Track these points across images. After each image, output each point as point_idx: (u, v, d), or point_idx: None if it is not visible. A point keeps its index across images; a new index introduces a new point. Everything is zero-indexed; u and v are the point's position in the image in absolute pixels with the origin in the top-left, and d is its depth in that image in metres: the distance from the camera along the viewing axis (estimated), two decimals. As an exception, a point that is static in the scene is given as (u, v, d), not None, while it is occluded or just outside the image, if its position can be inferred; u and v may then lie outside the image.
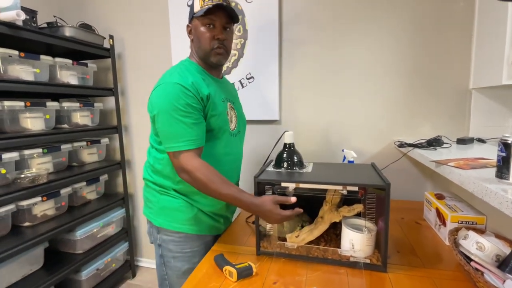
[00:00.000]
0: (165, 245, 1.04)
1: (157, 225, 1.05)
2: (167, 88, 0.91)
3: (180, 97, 0.88)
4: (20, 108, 1.47)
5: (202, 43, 0.98)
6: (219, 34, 0.98)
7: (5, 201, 1.34)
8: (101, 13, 2.05)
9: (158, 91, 0.93)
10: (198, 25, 0.98)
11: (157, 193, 1.05)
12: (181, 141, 0.89)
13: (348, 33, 1.59)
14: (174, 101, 0.88)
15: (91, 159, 1.96)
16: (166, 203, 1.03)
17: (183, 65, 1.00)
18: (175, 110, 0.88)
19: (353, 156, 1.36)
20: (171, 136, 0.91)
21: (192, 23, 1.00)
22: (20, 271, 1.46)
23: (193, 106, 0.91)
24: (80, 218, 1.67)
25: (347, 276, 0.82)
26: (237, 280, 0.81)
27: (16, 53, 1.42)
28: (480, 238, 0.81)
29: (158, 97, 0.92)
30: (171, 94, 0.89)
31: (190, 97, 0.90)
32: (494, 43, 1.23)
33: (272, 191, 0.95)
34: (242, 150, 1.18)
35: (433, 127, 1.54)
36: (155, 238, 1.07)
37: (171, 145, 0.91)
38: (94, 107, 1.93)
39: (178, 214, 1.02)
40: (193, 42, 1.03)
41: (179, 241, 1.03)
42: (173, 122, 0.89)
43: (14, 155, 1.44)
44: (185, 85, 0.90)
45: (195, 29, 0.99)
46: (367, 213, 0.92)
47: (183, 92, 0.89)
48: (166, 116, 0.89)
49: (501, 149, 0.67)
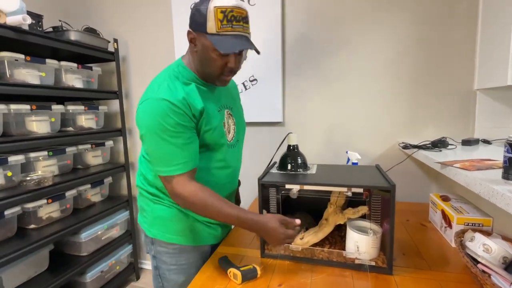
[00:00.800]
0: (159, 257, 0.98)
1: (150, 235, 0.98)
2: (154, 105, 0.80)
3: (168, 115, 0.79)
4: (26, 112, 1.49)
5: (210, 68, 0.86)
6: (233, 64, 0.85)
7: (11, 204, 1.35)
8: (106, 17, 2.07)
9: (144, 107, 0.82)
10: (209, 48, 0.81)
11: (151, 202, 0.98)
12: (172, 165, 0.81)
13: (352, 34, 1.59)
14: (161, 120, 0.79)
15: (95, 161, 1.97)
16: (160, 213, 0.96)
17: (175, 72, 0.88)
18: (163, 131, 0.79)
19: (357, 158, 1.35)
20: (161, 160, 0.83)
21: (200, 37, 0.82)
22: (26, 274, 1.47)
23: (183, 125, 0.81)
24: (85, 221, 1.68)
25: (352, 279, 0.81)
26: (241, 282, 0.81)
27: (22, 57, 1.44)
28: (487, 240, 0.80)
29: (144, 115, 0.81)
30: (158, 112, 0.79)
31: (179, 115, 0.80)
32: (498, 43, 1.23)
33: (276, 193, 0.95)
34: (240, 160, 1.09)
35: (437, 129, 1.53)
36: (149, 249, 1.01)
37: (161, 169, 0.83)
38: (98, 110, 1.95)
39: (172, 224, 0.95)
40: (196, 55, 0.87)
41: (174, 253, 0.97)
42: (162, 143, 0.80)
43: (20, 158, 1.45)
44: (174, 101, 0.79)
45: (204, 48, 0.83)
46: (372, 215, 0.92)
47: (171, 110, 0.79)
48: (154, 137, 0.81)
49: (508, 150, 0.66)
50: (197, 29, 0.82)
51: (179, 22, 1.86)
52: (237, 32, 0.80)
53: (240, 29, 0.80)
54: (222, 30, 0.78)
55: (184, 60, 0.91)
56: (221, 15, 0.77)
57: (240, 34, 0.80)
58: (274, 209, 0.98)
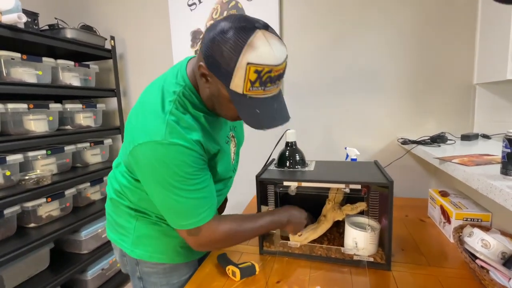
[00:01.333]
0: (147, 278, 0.86)
1: (135, 257, 0.85)
2: (164, 151, 0.63)
3: (185, 163, 0.64)
4: (23, 110, 1.48)
5: (223, 113, 0.71)
6: None
7: (10, 203, 1.35)
8: (102, 15, 2.05)
9: (150, 153, 0.64)
10: (227, 98, 0.64)
11: (132, 218, 0.83)
12: (199, 214, 0.69)
13: (351, 29, 1.57)
14: (178, 170, 0.64)
15: (94, 160, 1.97)
16: (144, 231, 0.83)
17: (181, 99, 0.69)
18: (182, 181, 0.65)
19: (356, 154, 1.35)
20: (183, 213, 0.69)
21: (217, 82, 0.63)
22: (27, 272, 1.47)
23: (202, 168, 0.69)
24: (84, 219, 1.68)
25: (351, 275, 0.81)
26: (240, 279, 0.81)
27: (18, 55, 1.43)
28: (485, 236, 0.80)
29: (154, 164, 0.64)
30: (172, 161, 0.63)
31: (197, 159, 0.67)
32: (498, 37, 1.22)
33: (274, 190, 0.95)
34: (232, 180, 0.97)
35: (437, 124, 1.52)
36: (132, 270, 0.88)
37: (184, 223, 0.69)
38: (96, 108, 1.94)
39: (160, 242, 0.83)
40: (206, 89, 0.68)
41: (164, 273, 0.86)
42: (183, 195, 0.66)
43: (18, 157, 1.45)
44: (190, 146, 0.65)
45: (220, 95, 0.65)
46: (371, 211, 0.92)
47: (187, 155, 0.64)
48: (169, 190, 0.66)
49: (506, 145, 0.66)
50: (214, 73, 0.61)
51: (176, 19, 1.84)
52: (268, 95, 0.63)
53: (273, 89, 0.63)
54: (250, 93, 0.60)
55: (190, 77, 0.71)
56: (254, 76, 0.58)
57: (272, 95, 0.64)
58: (273, 206, 0.97)
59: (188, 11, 1.81)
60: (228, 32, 0.58)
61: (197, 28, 1.81)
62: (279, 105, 0.67)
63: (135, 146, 0.66)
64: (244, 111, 0.62)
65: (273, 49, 0.58)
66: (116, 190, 0.85)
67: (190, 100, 0.70)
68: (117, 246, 0.89)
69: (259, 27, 0.58)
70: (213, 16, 1.77)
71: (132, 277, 0.90)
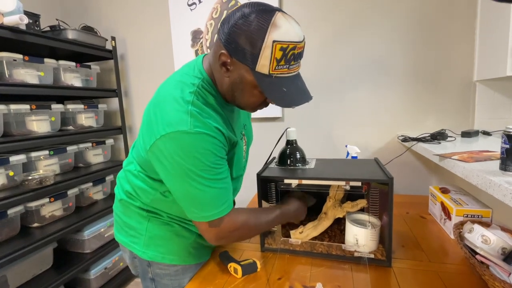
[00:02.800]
0: (159, 280, 0.86)
1: (146, 258, 0.84)
2: (188, 140, 0.63)
3: (208, 151, 0.65)
4: (26, 111, 1.50)
5: (245, 101, 0.71)
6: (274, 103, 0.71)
7: (14, 203, 1.36)
8: (103, 15, 2.06)
9: (177, 143, 0.63)
10: (250, 83, 0.65)
11: (144, 219, 0.83)
12: (221, 204, 0.70)
13: (351, 27, 1.58)
14: (202, 158, 0.64)
15: (96, 160, 1.98)
16: (157, 232, 0.83)
17: (201, 91, 0.69)
18: (206, 170, 0.65)
19: (356, 151, 1.35)
20: (208, 203, 0.69)
21: (240, 67, 0.64)
22: (31, 271, 1.49)
23: (223, 158, 0.70)
24: (87, 218, 1.70)
25: (352, 271, 0.82)
26: (242, 276, 0.82)
27: (20, 57, 1.45)
28: (486, 231, 0.80)
29: (178, 153, 0.64)
30: (200, 150, 0.64)
31: (219, 147, 0.67)
32: (497, 34, 1.22)
33: (275, 187, 0.95)
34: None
35: (437, 121, 1.52)
36: (144, 271, 0.88)
37: (207, 214, 0.69)
38: (98, 109, 1.95)
39: (173, 243, 0.83)
40: (228, 80, 0.69)
41: (176, 275, 0.86)
42: (206, 185, 0.66)
43: (21, 157, 1.47)
44: (213, 134, 0.65)
45: (242, 81, 0.66)
46: (371, 208, 0.92)
47: (211, 144, 0.65)
48: (196, 181, 0.66)
49: (505, 141, 0.66)
50: (238, 58, 0.63)
51: (177, 18, 1.85)
52: (292, 73, 0.65)
53: (296, 68, 0.65)
54: (276, 72, 0.62)
55: (208, 72, 0.72)
56: (280, 54, 0.60)
57: (294, 75, 0.66)
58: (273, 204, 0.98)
59: (188, 11, 1.81)
60: (250, 16, 0.60)
61: (197, 28, 1.82)
62: (302, 84, 0.69)
63: (157, 139, 0.65)
64: (271, 91, 0.63)
65: (294, 27, 0.61)
66: (127, 191, 0.85)
67: (209, 92, 0.71)
68: (127, 248, 0.88)
69: (277, 9, 0.62)
70: (213, 16, 1.78)
71: (144, 279, 0.89)
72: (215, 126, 0.67)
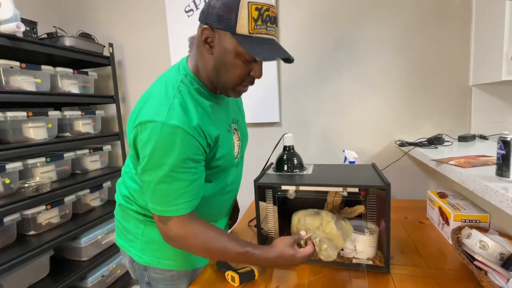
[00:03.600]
0: (155, 284, 0.88)
1: (143, 263, 0.86)
2: (164, 133, 0.65)
3: (181, 148, 0.66)
4: (22, 118, 1.49)
5: (229, 75, 0.71)
6: (258, 73, 0.72)
7: (10, 211, 1.35)
8: (100, 22, 2.07)
9: (150, 132, 0.65)
10: (233, 51, 0.67)
11: (141, 223, 0.84)
12: (174, 204, 0.69)
13: (347, 32, 1.59)
14: (171, 153, 0.65)
15: (94, 166, 1.97)
16: (153, 236, 0.82)
17: (184, 86, 0.72)
18: (172, 165, 0.66)
19: (354, 156, 1.35)
20: (161, 197, 0.70)
21: (221, 37, 0.67)
22: (27, 280, 1.47)
23: (195, 159, 0.69)
24: (84, 226, 1.69)
25: (350, 278, 0.81)
26: (239, 284, 0.81)
27: (17, 64, 1.45)
28: (484, 237, 0.80)
29: (149, 142, 0.66)
30: (169, 143, 0.65)
31: (194, 147, 0.68)
32: (492, 39, 1.23)
33: (272, 194, 0.95)
34: (241, 178, 1.00)
35: (434, 125, 1.53)
36: (141, 275, 0.89)
37: (159, 208, 0.71)
38: (95, 115, 1.95)
39: (169, 249, 0.80)
40: (210, 58, 0.71)
41: (172, 280, 0.87)
42: (167, 179, 0.67)
43: (17, 164, 1.46)
44: (189, 130, 0.66)
45: (225, 52, 0.68)
46: (369, 214, 0.92)
47: (185, 141, 0.66)
48: (159, 173, 0.67)
49: (501, 147, 0.66)
50: (219, 26, 0.65)
51: (174, 25, 1.86)
52: (270, 36, 0.67)
53: (273, 32, 0.68)
54: (256, 32, 0.64)
55: (190, 66, 0.77)
56: (256, 13, 0.63)
57: (273, 38, 0.68)
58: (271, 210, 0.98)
59: (185, 18, 1.82)
60: None
61: (194, 34, 1.83)
62: (282, 48, 0.71)
63: (134, 128, 0.69)
64: (253, 48, 0.65)
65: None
66: (124, 195, 0.87)
67: (192, 86, 0.74)
68: (126, 253, 0.90)
69: None
70: (210, 22, 1.78)
71: (140, 283, 0.91)
72: (197, 124, 0.68)
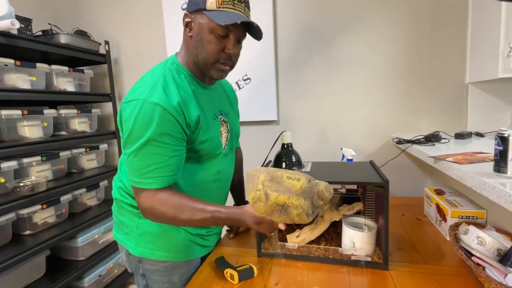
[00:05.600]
0: (149, 276, 0.90)
1: (137, 255, 0.88)
2: (144, 108, 0.71)
3: (158, 123, 0.71)
4: (17, 117, 1.47)
5: (206, 51, 0.78)
6: (232, 49, 0.78)
7: (5, 210, 1.33)
8: (96, 19, 2.05)
9: (132, 109, 0.72)
10: (206, 27, 0.75)
11: (135, 216, 0.87)
12: (147, 177, 0.74)
13: (344, 31, 1.59)
14: (149, 127, 0.71)
15: (90, 165, 1.95)
16: (147, 228, 0.86)
17: (169, 71, 0.80)
18: (149, 139, 0.71)
19: (351, 154, 1.36)
20: (137, 169, 0.75)
21: (197, 17, 0.76)
22: (22, 280, 1.46)
23: (172, 136, 0.74)
24: (81, 225, 1.67)
25: (349, 275, 0.82)
26: (238, 282, 0.81)
27: (12, 62, 1.43)
28: (481, 233, 0.81)
29: (130, 117, 0.72)
30: (147, 117, 0.70)
31: (171, 123, 0.73)
32: (488, 37, 1.23)
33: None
34: (233, 169, 1.02)
35: (431, 123, 1.54)
36: (136, 267, 0.92)
37: (134, 179, 0.76)
38: (91, 113, 1.93)
39: (162, 240, 0.86)
40: (190, 40, 0.80)
41: (166, 271, 0.89)
42: (143, 152, 0.73)
43: (12, 164, 1.44)
44: (167, 107, 0.71)
45: (200, 29, 0.76)
46: (367, 211, 0.92)
47: (162, 117, 0.71)
48: (136, 145, 0.72)
49: (498, 143, 0.67)
50: (194, 8, 0.76)
51: (170, 23, 1.84)
52: (238, 12, 0.75)
53: (241, 10, 0.76)
54: (223, 7, 0.73)
55: (179, 57, 0.85)
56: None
57: (241, 14, 0.76)
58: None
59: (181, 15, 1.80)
60: None
61: (191, 32, 1.82)
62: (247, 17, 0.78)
63: (120, 105, 0.78)
64: (221, 18, 0.72)
65: None
66: (120, 188, 0.90)
67: (177, 73, 0.81)
68: (123, 246, 0.93)
69: None
70: (207, 20, 1.77)
71: (136, 275, 0.93)
72: (177, 103, 0.74)
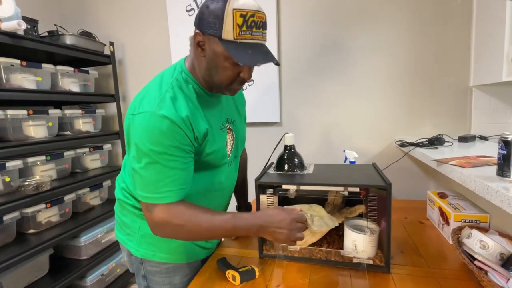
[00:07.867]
0: (151, 277, 0.90)
1: (139, 256, 0.89)
2: (152, 121, 0.68)
3: (167, 136, 0.69)
4: (23, 116, 1.49)
5: (220, 76, 0.75)
6: (248, 77, 0.77)
7: (10, 209, 1.35)
8: (101, 21, 2.07)
9: (141, 121, 0.70)
10: (221, 56, 0.72)
11: (137, 217, 0.87)
12: (159, 192, 0.72)
13: (347, 33, 1.59)
14: (159, 140, 0.69)
15: (94, 165, 1.97)
16: (149, 230, 0.82)
17: (177, 82, 0.77)
18: (159, 153, 0.69)
19: (354, 156, 1.35)
20: (148, 184, 0.72)
21: (211, 42, 0.71)
22: (26, 278, 1.47)
23: (182, 149, 0.72)
24: (84, 224, 1.68)
25: (350, 278, 0.81)
26: (240, 283, 0.81)
27: (18, 62, 1.44)
28: (484, 237, 0.80)
29: (140, 130, 0.70)
30: (156, 131, 0.68)
31: (180, 136, 0.71)
32: (493, 40, 1.23)
33: (273, 193, 0.95)
34: (236, 178, 1.00)
35: (434, 126, 1.53)
36: (137, 268, 0.92)
37: (145, 195, 0.73)
38: (96, 114, 1.95)
39: (164, 242, 0.85)
40: (203, 59, 0.76)
41: (167, 272, 0.89)
42: (154, 166, 0.70)
43: (17, 163, 1.46)
44: (176, 121, 0.69)
45: (215, 55, 0.72)
46: (369, 214, 0.92)
47: (172, 131, 0.69)
48: (145, 159, 0.70)
49: (502, 147, 0.67)
50: (208, 32, 0.70)
51: (175, 24, 1.86)
52: (256, 41, 0.71)
53: (260, 36, 0.71)
54: (240, 38, 0.68)
55: (187, 65, 0.81)
56: (241, 20, 0.67)
57: (259, 42, 0.72)
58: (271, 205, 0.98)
59: (186, 17, 1.82)
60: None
61: (195, 33, 1.83)
62: (269, 52, 0.75)
63: (128, 117, 0.75)
64: (237, 53, 0.69)
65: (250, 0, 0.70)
66: (122, 189, 0.90)
67: (186, 83, 0.78)
68: (125, 247, 0.93)
69: None
70: (211, 21, 1.78)
71: (137, 276, 0.94)
72: (186, 116, 0.71)
